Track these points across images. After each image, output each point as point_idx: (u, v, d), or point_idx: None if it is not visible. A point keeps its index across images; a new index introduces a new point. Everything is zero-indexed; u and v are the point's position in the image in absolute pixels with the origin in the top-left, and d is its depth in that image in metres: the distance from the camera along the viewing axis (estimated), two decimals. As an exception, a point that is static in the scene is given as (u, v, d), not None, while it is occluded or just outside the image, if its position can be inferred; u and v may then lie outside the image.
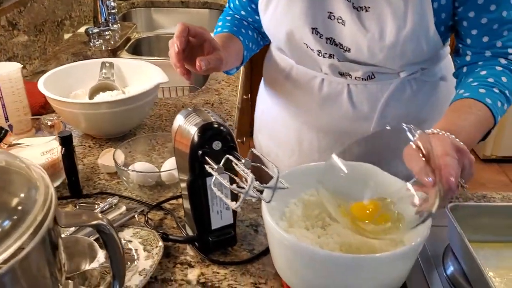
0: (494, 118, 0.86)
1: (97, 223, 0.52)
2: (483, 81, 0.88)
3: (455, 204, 0.77)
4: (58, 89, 1.14)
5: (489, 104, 0.85)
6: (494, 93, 0.87)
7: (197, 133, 0.73)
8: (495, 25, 0.88)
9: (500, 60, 0.91)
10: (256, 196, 0.63)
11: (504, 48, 0.90)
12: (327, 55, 0.97)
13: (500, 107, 0.87)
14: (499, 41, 0.90)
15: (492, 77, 0.88)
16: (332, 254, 0.66)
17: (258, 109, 1.25)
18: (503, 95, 0.88)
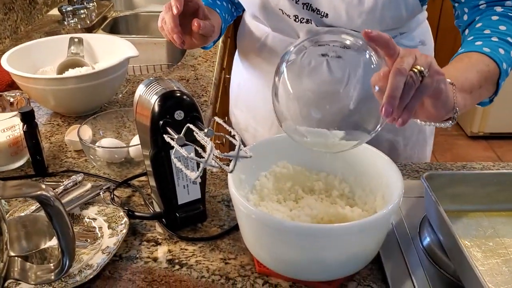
0: (497, 63, 0.77)
1: (39, 193, 0.49)
2: (479, 34, 0.82)
3: (431, 173, 0.74)
4: (25, 67, 1.10)
5: (487, 52, 0.78)
6: (493, 42, 0.80)
7: (158, 102, 0.69)
8: None
9: (496, 8, 0.85)
10: (218, 165, 0.59)
11: None
12: (304, 20, 0.94)
13: (505, 54, 0.79)
14: None
15: (488, 28, 0.82)
16: (299, 225, 0.63)
17: (234, 83, 1.21)
18: (505, 42, 0.80)
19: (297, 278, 0.69)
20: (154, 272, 0.71)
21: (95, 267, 0.69)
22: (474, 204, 0.77)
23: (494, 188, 0.76)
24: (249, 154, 0.61)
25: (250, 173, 0.76)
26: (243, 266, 0.72)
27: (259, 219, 0.64)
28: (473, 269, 0.58)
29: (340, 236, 0.62)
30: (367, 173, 0.76)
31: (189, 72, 1.35)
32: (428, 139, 1.11)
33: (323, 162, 0.80)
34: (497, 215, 0.76)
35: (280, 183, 0.79)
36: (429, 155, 1.14)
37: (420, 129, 1.07)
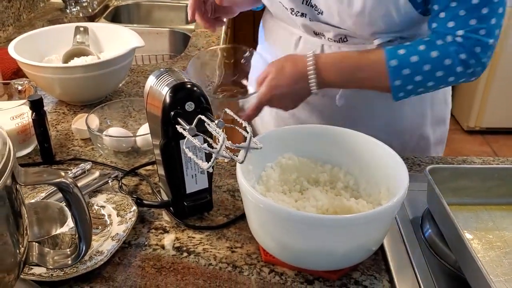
0: (390, 82, 0.87)
1: (59, 181, 0.50)
2: (412, 46, 0.87)
3: (434, 166, 0.76)
4: (31, 55, 1.10)
5: (391, 66, 0.86)
6: (408, 62, 0.86)
7: (169, 93, 0.71)
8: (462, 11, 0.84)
9: (441, 39, 0.87)
10: (229, 156, 0.61)
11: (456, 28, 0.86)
12: (299, 14, 0.96)
13: (407, 75, 0.86)
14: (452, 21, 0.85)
15: (425, 45, 0.86)
16: (306, 215, 0.65)
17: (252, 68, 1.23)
18: (418, 67, 0.86)
19: (302, 267, 0.71)
20: (163, 259, 0.73)
21: (106, 253, 0.71)
22: (475, 198, 0.79)
23: (495, 183, 0.78)
24: (260, 146, 0.63)
25: (256, 164, 0.78)
26: (249, 254, 0.74)
27: (267, 208, 0.66)
28: (475, 260, 0.60)
29: (346, 227, 0.64)
30: (372, 166, 0.77)
31: (192, 63, 1.36)
32: (433, 147, 1.10)
33: (328, 154, 0.81)
34: (497, 209, 0.79)
35: (286, 174, 0.80)
36: None
37: (422, 136, 1.06)
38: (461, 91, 3.15)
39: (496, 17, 0.84)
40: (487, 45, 0.85)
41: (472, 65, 0.86)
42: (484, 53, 0.86)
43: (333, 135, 0.80)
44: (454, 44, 0.85)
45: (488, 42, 0.85)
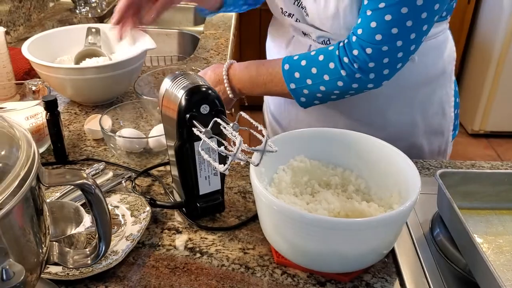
0: (286, 84, 0.92)
1: (82, 182, 0.51)
2: (304, 53, 0.92)
3: (444, 170, 0.77)
4: (43, 55, 1.11)
5: (284, 69, 0.92)
6: (299, 65, 0.91)
7: (185, 96, 0.72)
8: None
9: (334, 43, 0.89)
10: (244, 159, 0.62)
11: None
12: (287, 14, 0.98)
13: (299, 78, 0.91)
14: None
15: (316, 51, 0.90)
16: (319, 218, 0.65)
17: None
18: (304, 70, 0.90)
19: (314, 269, 0.72)
20: (176, 259, 0.74)
21: (120, 253, 0.72)
22: (485, 202, 0.80)
23: (505, 187, 0.79)
24: (275, 149, 0.64)
25: (269, 166, 0.78)
26: (262, 256, 0.75)
27: (281, 210, 0.67)
28: (486, 264, 0.61)
29: (359, 231, 0.65)
30: (383, 169, 0.78)
31: (201, 65, 1.37)
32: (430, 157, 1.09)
33: (339, 157, 0.82)
34: (507, 213, 0.79)
35: (297, 176, 0.81)
36: None
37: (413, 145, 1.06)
38: (466, 95, 3.15)
39: (400, 28, 0.82)
40: (380, 50, 0.83)
41: (355, 69, 0.85)
42: (373, 57, 0.84)
43: (344, 139, 0.81)
44: (341, 48, 0.87)
45: (381, 48, 0.83)
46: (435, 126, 1.07)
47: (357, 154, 0.81)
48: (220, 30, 1.64)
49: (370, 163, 0.80)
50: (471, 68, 3.10)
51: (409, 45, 0.85)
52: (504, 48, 2.75)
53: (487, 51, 2.87)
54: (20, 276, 0.42)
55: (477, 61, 3.02)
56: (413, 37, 0.84)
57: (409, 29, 0.82)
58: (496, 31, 2.77)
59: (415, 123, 1.04)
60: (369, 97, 0.96)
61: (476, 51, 3.03)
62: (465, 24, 2.97)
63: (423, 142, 1.07)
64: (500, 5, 2.74)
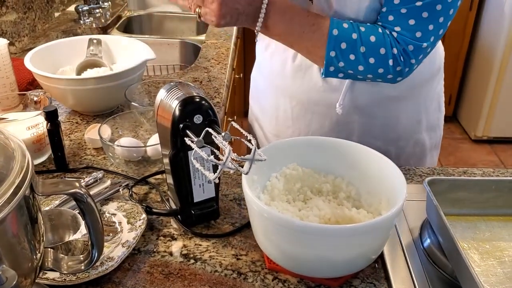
0: (326, 50, 0.88)
1: (74, 191, 0.54)
2: (355, 24, 0.89)
3: (433, 178, 0.79)
4: (45, 66, 1.15)
5: (332, 34, 0.87)
6: (350, 37, 0.88)
7: (178, 106, 0.74)
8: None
9: (381, 29, 0.90)
10: (234, 168, 0.64)
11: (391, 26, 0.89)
12: None
13: (344, 49, 0.88)
14: (391, 16, 0.89)
15: (365, 27, 0.89)
16: (308, 225, 0.67)
17: (252, 80, 1.27)
18: (354, 44, 0.88)
19: (305, 275, 0.73)
20: (171, 265, 0.76)
21: (116, 259, 0.74)
22: (473, 209, 0.81)
23: (492, 194, 0.81)
24: (264, 158, 0.66)
25: (261, 174, 0.81)
26: (254, 262, 0.77)
27: (271, 217, 0.68)
28: (469, 270, 0.62)
29: (347, 236, 0.67)
30: (373, 177, 0.80)
31: (202, 74, 1.40)
32: (429, 152, 1.13)
33: (331, 165, 0.84)
34: (495, 220, 0.81)
35: (290, 184, 0.83)
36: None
37: (417, 142, 1.09)
38: (469, 101, 3.16)
39: (435, 24, 0.86)
40: (420, 47, 0.87)
41: (401, 63, 0.88)
42: (415, 54, 0.88)
43: (335, 147, 0.83)
44: (391, 36, 0.88)
45: (421, 45, 0.87)
46: (434, 121, 1.11)
47: (347, 162, 0.83)
48: (221, 40, 1.67)
49: (360, 171, 0.82)
50: (474, 74, 3.10)
51: (436, 41, 0.89)
52: (506, 54, 2.76)
53: (489, 57, 2.88)
54: (13, 281, 0.45)
55: (480, 67, 3.03)
56: (441, 33, 0.88)
57: (440, 25, 0.87)
58: (498, 37, 2.78)
59: (420, 120, 1.08)
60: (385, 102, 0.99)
61: (478, 57, 3.04)
62: (467, 30, 2.99)
63: (425, 137, 1.10)
64: (501, 12, 2.75)
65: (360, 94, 1.01)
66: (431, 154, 1.15)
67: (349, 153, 0.83)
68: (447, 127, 3.22)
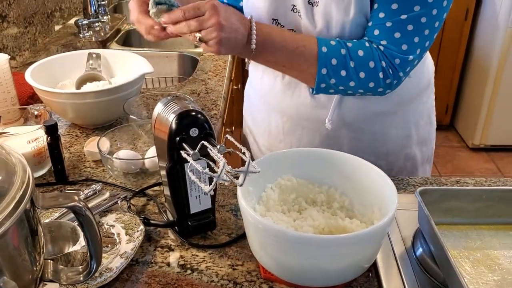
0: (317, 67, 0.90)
1: (73, 204, 0.55)
2: (341, 41, 0.91)
3: (424, 188, 0.80)
4: (46, 80, 1.17)
5: (322, 51, 0.89)
6: (339, 53, 0.89)
7: (175, 120, 0.76)
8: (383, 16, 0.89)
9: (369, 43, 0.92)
10: (229, 180, 0.66)
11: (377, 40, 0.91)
12: None
13: (334, 65, 0.90)
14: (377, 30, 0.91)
15: (352, 43, 0.91)
16: (301, 235, 0.69)
17: (245, 94, 1.29)
18: (344, 60, 0.89)
19: (299, 284, 0.75)
20: (168, 276, 0.78)
21: (114, 270, 0.76)
22: (464, 218, 0.83)
23: (483, 204, 0.82)
24: (258, 170, 0.68)
25: (257, 185, 0.82)
26: (250, 272, 0.78)
27: (265, 228, 0.70)
28: (459, 278, 0.64)
29: (339, 246, 0.68)
30: (366, 188, 0.82)
31: (200, 86, 1.42)
32: (420, 166, 1.14)
33: (325, 176, 0.86)
34: (486, 228, 0.83)
35: (285, 195, 0.85)
36: None
37: (408, 156, 1.11)
38: (465, 109, 3.18)
39: (420, 37, 0.88)
40: (406, 60, 0.90)
41: (390, 75, 0.90)
42: (402, 67, 0.90)
43: (329, 158, 0.85)
44: (378, 50, 0.90)
45: (408, 58, 0.89)
46: (425, 135, 1.13)
47: (341, 173, 0.85)
48: (218, 52, 1.69)
49: (353, 181, 0.84)
50: (470, 83, 3.13)
51: (423, 53, 0.91)
52: (501, 62, 2.79)
53: (485, 66, 2.91)
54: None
55: (476, 75, 3.06)
56: (427, 45, 0.90)
57: (426, 37, 0.89)
58: (493, 46, 2.82)
59: (410, 135, 1.09)
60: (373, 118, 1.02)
61: (474, 66, 3.08)
62: (463, 39, 3.03)
63: (416, 152, 1.12)
64: (495, 21, 2.79)
65: (348, 110, 1.03)
66: (423, 168, 1.16)
67: (342, 164, 0.84)
68: (445, 136, 3.24)
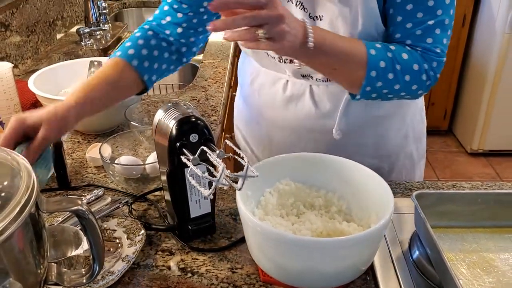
0: (366, 71, 0.88)
1: (76, 208, 0.57)
2: (385, 44, 0.91)
3: (420, 192, 0.82)
4: (48, 88, 1.19)
5: (371, 54, 0.88)
6: (386, 56, 0.89)
7: (175, 126, 0.78)
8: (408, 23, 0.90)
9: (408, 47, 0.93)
10: (228, 184, 0.67)
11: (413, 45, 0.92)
12: (288, 61, 1.01)
13: (382, 68, 0.88)
14: (409, 40, 0.92)
15: (395, 46, 0.91)
16: (299, 238, 0.71)
17: (235, 108, 1.29)
18: (391, 63, 0.89)
19: (297, 286, 0.76)
20: (169, 279, 0.79)
21: (116, 273, 0.77)
22: (460, 221, 0.84)
23: (478, 207, 0.84)
24: (256, 174, 0.69)
25: (256, 189, 0.84)
26: (249, 275, 0.80)
27: (264, 232, 0.72)
28: (454, 280, 0.65)
29: (336, 249, 0.70)
30: (362, 192, 0.83)
31: (199, 93, 1.44)
32: (417, 163, 1.17)
33: (322, 180, 0.88)
34: (481, 231, 0.84)
35: (283, 199, 0.87)
36: (419, 178, 1.20)
37: (406, 155, 1.13)
38: (464, 115, 3.20)
39: (447, 38, 0.92)
40: (442, 62, 0.92)
41: (431, 77, 0.92)
42: (438, 69, 0.92)
43: (326, 163, 0.87)
44: (418, 53, 0.91)
45: (442, 60, 0.92)
46: (419, 132, 1.15)
47: (338, 177, 0.86)
48: (218, 60, 1.72)
49: (350, 185, 0.85)
50: (468, 89, 3.16)
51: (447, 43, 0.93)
52: (498, 68, 2.82)
53: (483, 72, 2.94)
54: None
55: (473, 81, 3.08)
56: (449, 34, 0.92)
57: (448, 37, 0.92)
58: (490, 52, 2.84)
59: (407, 134, 1.12)
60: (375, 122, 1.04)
61: (472, 72, 3.10)
62: (460, 45, 3.05)
63: (413, 149, 1.15)
64: (492, 27, 2.82)
65: (354, 117, 1.04)
66: (419, 165, 1.19)
67: (339, 168, 0.86)
68: (443, 141, 3.26)
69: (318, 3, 0.94)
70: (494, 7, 2.80)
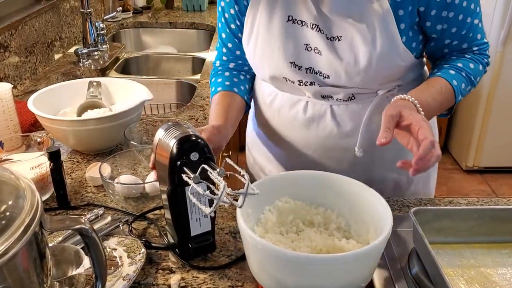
0: (455, 98, 1.01)
1: (80, 227, 0.58)
2: (454, 65, 1.02)
3: (418, 208, 0.83)
4: (48, 108, 1.20)
5: (455, 85, 1.00)
6: (461, 76, 1.01)
7: (176, 145, 0.79)
8: (462, 30, 1.00)
9: (466, 55, 1.04)
10: (229, 201, 0.68)
11: (469, 48, 1.04)
12: (308, 83, 1.03)
13: (464, 88, 1.02)
14: (465, 43, 1.03)
15: (461, 62, 1.02)
16: (299, 255, 0.71)
17: (249, 129, 1.30)
18: (468, 79, 1.02)
19: (298, 303, 0.77)
20: (170, 297, 0.79)
21: (117, 292, 0.77)
22: (457, 237, 0.85)
23: (475, 223, 0.85)
24: (257, 192, 0.70)
25: (256, 207, 0.85)
26: (250, 292, 0.80)
27: (264, 249, 0.72)
28: (453, 295, 0.66)
29: (335, 265, 0.70)
30: (361, 209, 0.84)
31: (198, 112, 1.45)
32: (432, 174, 1.20)
33: (321, 197, 0.89)
34: (478, 247, 0.85)
35: (283, 216, 0.87)
36: (433, 188, 1.22)
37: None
38: (459, 132, 3.23)
39: (482, 34, 1.05)
40: (488, 48, 1.08)
41: (486, 65, 1.07)
42: (488, 56, 1.08)
43: (325, 180, 0.88)
44: (476, 53, 1.04)
45: (489, 46, 1.08)
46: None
47: (337, 195, 0.87)
48: (215, 78, 1.73)
49: (349, 203, 0.86)
50: (463, 106, 3.19)
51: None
52: (492, 86, 2.85)
53: (477, 89, 2.97)
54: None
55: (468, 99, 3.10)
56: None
57: (483, 30, 1.05)
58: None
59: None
60: None
61: (466, 90, 3.13)
62: (454, 64, 3.09)
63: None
64: (486, 45, 2.86)
65: (373, 133, 1.04)
66: (433, 175, 1.21)
67: (338, 186, 0.87)
68: (439, 158, 3.27)
69: (333, 24, 0.97)
70: (486, 26, 2.85)
